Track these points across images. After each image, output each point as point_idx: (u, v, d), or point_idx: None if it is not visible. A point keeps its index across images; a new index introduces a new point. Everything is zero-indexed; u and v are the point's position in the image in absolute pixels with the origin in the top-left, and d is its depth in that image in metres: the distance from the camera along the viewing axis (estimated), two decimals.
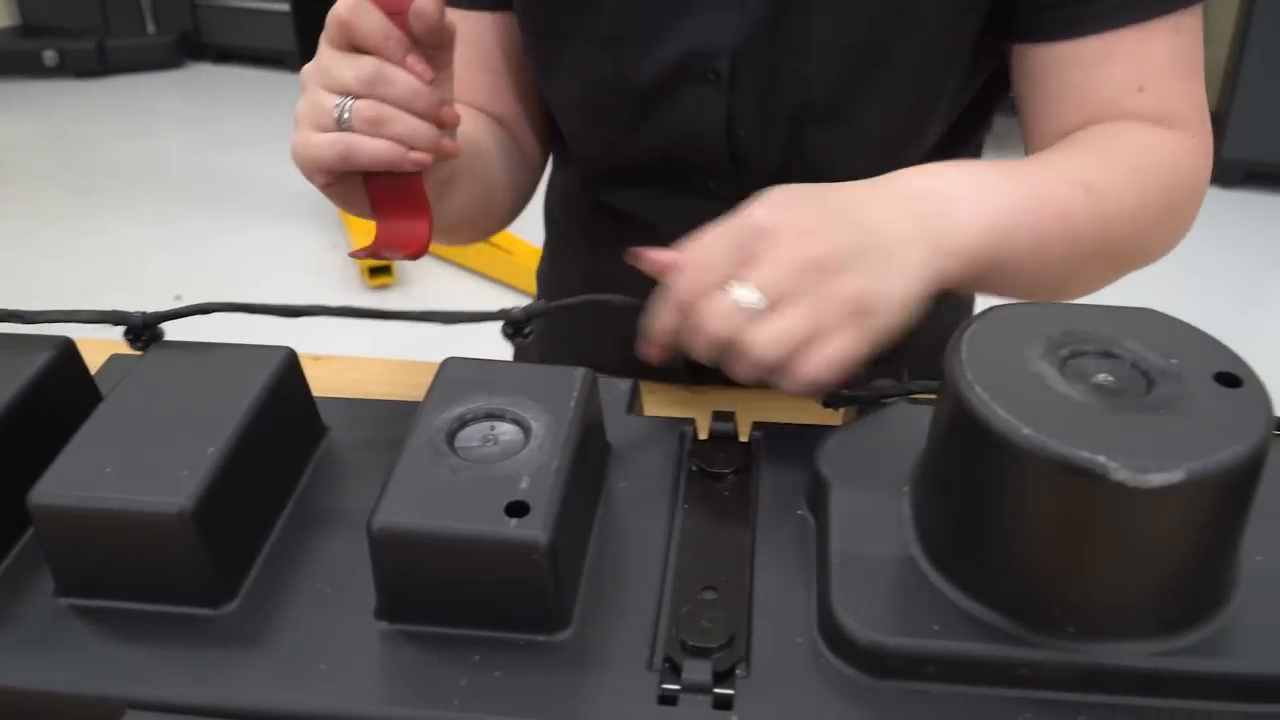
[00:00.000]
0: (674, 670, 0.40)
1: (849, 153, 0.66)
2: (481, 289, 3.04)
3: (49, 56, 3.85)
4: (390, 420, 0.53)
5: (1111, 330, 0.41)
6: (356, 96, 0.52)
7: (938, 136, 0.68)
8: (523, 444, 0.44)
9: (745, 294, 0.47)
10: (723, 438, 0.51)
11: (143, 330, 0.52)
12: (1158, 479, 0.35)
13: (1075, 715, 0.38)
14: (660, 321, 0.51)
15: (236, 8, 3.99)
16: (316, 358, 0.74)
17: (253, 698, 0.40)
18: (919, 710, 0.38)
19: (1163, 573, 0.37)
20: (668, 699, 0.39)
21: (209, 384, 0.47)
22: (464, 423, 0.45)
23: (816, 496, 0.46)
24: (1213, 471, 0.35)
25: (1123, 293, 0.60)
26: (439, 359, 0.50)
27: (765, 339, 0.47)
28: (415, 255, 0.56)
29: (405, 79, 0.52)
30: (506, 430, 0.44)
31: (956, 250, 0.51)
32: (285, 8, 3.91)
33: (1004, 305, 0.43)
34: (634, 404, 0.55)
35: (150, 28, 4.09)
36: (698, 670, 0.39)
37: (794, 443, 0.50)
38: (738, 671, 0.40)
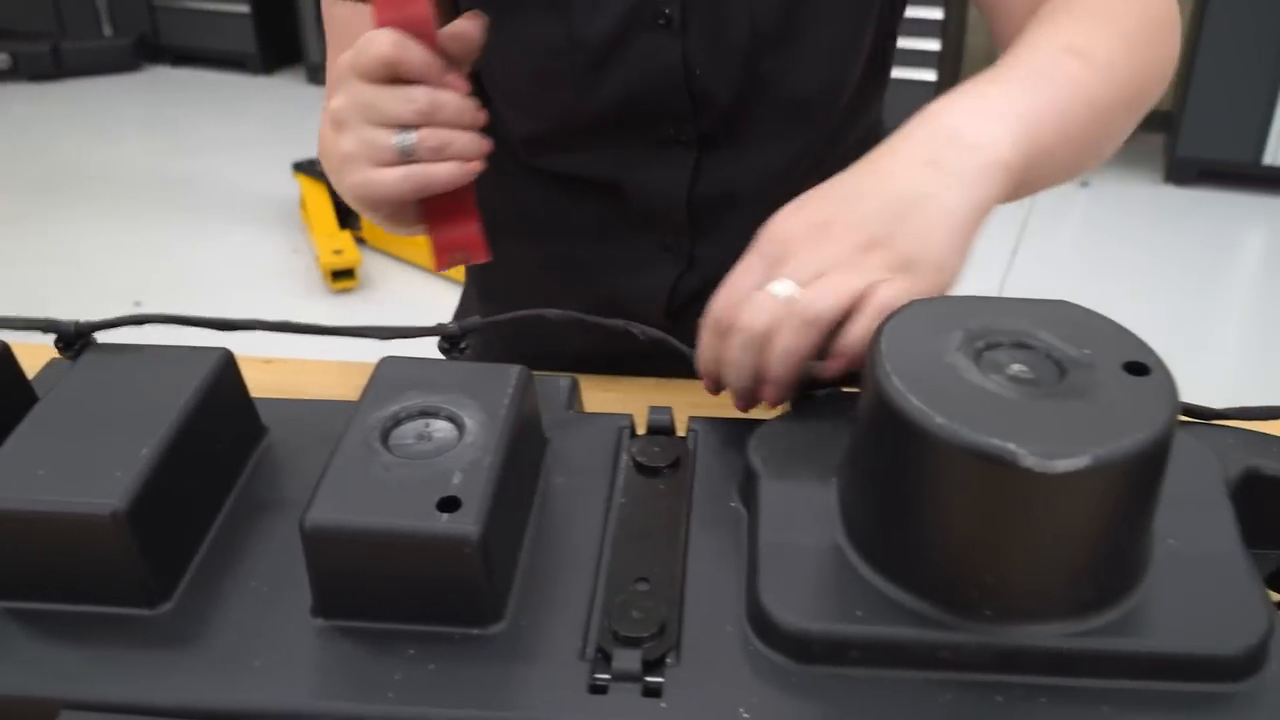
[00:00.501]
0: (605, 660, 0.41)
1: (800, 73, 0.68)
2: (445, 290, 3.03)
3: (2, 59, 3.81)
4: (330, 420, 0.53)
5: (1026, 322, 0.42)
6: (413, 127, 0.53)
7: (871, 43, 0.70)
8: (456, 440, 0.44)
9: (779, 286, 0.47)
10: (659, 432, 0.52)
11: (75, 339, 0.52)
12: (1064, 465, 0.36)
13: (994, 696, 0.39)
14: (702, 352, 0.51)
15: (195, 9, 3.96)
16: (267, 361, 0.74)
17: (188, 696, 0.40)
18: (843, 694, 0.39)
19: (1074, 555, 0.39)
20: (598, 688, 0.40)
21: (144, 386, 0.47)
22: (398, 420, 0.45)
23: (748, 488, 0.47)
24: (1118, 457, 0.36)
25: (1082, 285, 0.60)
26: None
27: (815, 296, 0.46)
28: (487, 256, 0.59)
29: (455, 100, 0.54)
30: (441, 427, 0.45)
31: (991, 171, 0.49)
32: (245, 9, 3.88)
33: (924, 300, 0.44)
34: (573, 400, 0.55)
35: (107, 30, 4.06)
36: (628, 659, 0.40)
37: (729, 436, 0.51)
38: (667, 660, 0.41)
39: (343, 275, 2.85)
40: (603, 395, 0.65)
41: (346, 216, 3.09)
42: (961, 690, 0.39)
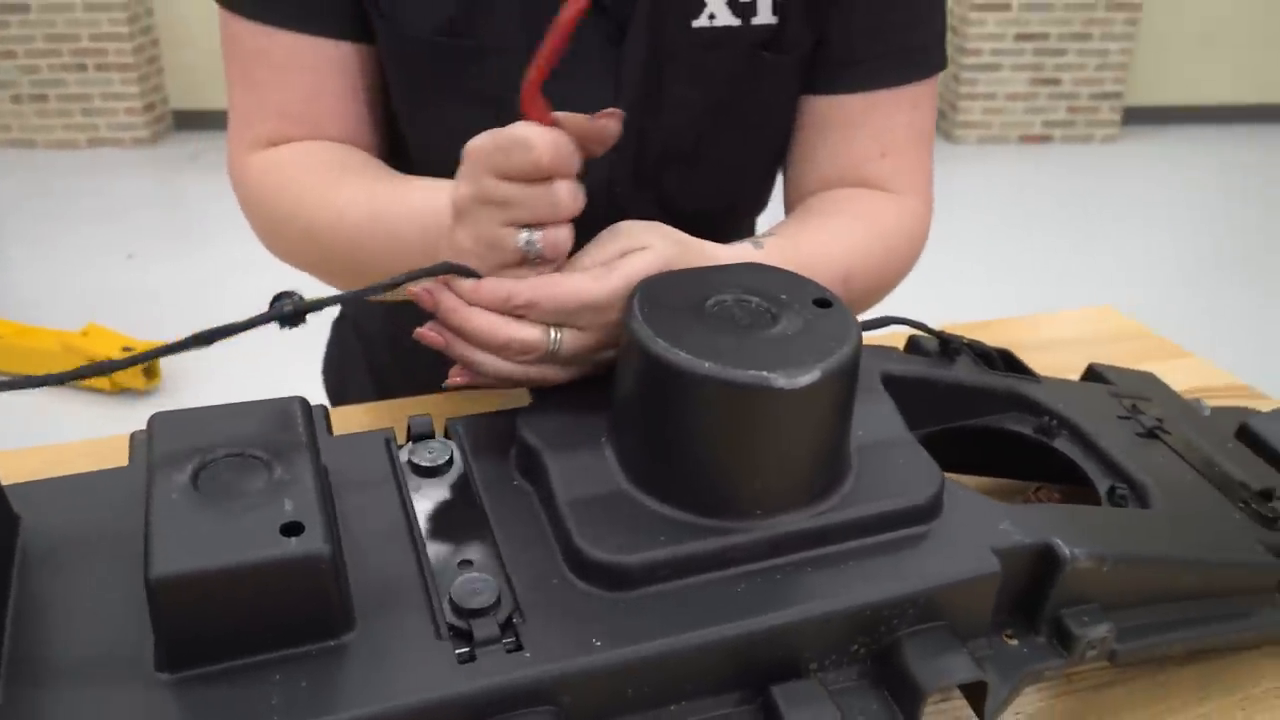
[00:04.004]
0: (461, 635, 0.45)
1: (699, 191, 0.78)
2: None
3: None
4: (80, 495, 0.52)
5: (737, 282, 0.53)
6: (541, 225, 0.52)
7: (761, 169, 0.82)
8: (269, 473, 0.46)
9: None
10: (425, 436, 0.56)
11: None
12: (803, 380, 0.47)
13: (774, 575, 0.49)
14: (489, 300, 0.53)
15: None
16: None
17: None
18: (666, 606, 0.47)
19: (815, 452, 0.50)
20: (467, 658, 0.44)
21: None
22: (202, 466, 0.46)
23: (529, 464, 0.53)
24: (834, 368, 0.48)
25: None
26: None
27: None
28: None
29: (581, 194, 0.53)
30: (249, 464, 0.46)
31: None
32: None
33: (653, 277, 0.53)
34: (328, 425, 0.58)
35: None
36: (485, 627, 0.45)
37: (489, 427, 0.57)
38: (514, 620, 0.46)
39: None
40: (346, 420, 0.68)
41: None
42: (750, 578, 0.49)
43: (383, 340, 0.97)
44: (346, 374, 1.02)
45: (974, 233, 3.61)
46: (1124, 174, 4.29)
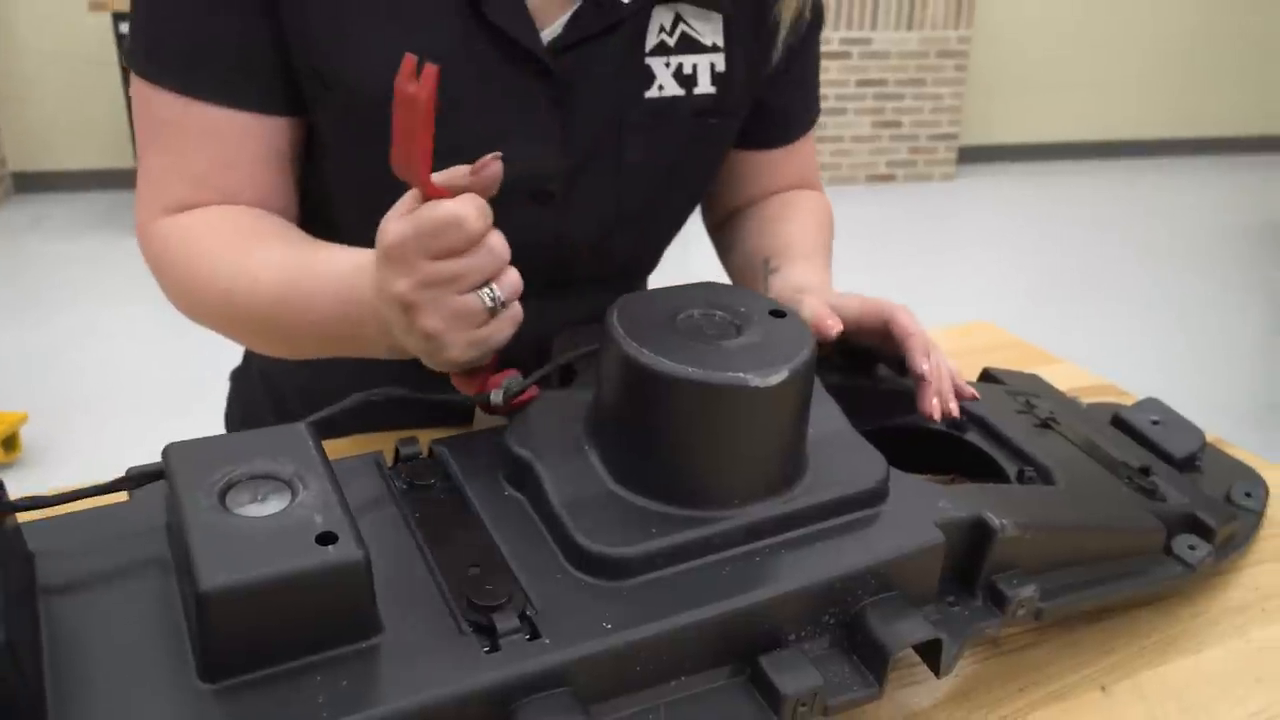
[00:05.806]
0: (483, 629, 0.49)
1: (639, 245, 0.85)
2: None
3: None
4: (85, 528, 0.53)
5: (699, 298, 0.59)
6: (491, 281, 0.56)
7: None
8: (293, 492, 0.49)
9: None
10: (413, 458, 0.60)
11: None
12: (775, 379, 0.53)
13: (753, 558, 0.54)
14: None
15: None
16: None
17: None
18: (661, 590, 0.52)
19: (784, 444, 0.56)
20: (493, 649, 0.48)
21: None
22: (228, 487, 0.49)
23: (519, 475, 0.57)
24: (798, 368, 0.54)
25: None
26: None
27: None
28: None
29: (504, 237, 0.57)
30: (272, 485, 0.49)
31: None
32: None
33: (633, 294, 0.59)
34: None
35: None
36: (505, 619, 0.49)
37: (471, 446, 0.61)
38: (528, 612, 0.50)
39: None
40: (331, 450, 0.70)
41: None
42: (734, 561, 0.54)
43: (294, 390, 0.97)
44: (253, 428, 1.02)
45: (834, 265, 3.78)
46: (962, 208, 4.57)
